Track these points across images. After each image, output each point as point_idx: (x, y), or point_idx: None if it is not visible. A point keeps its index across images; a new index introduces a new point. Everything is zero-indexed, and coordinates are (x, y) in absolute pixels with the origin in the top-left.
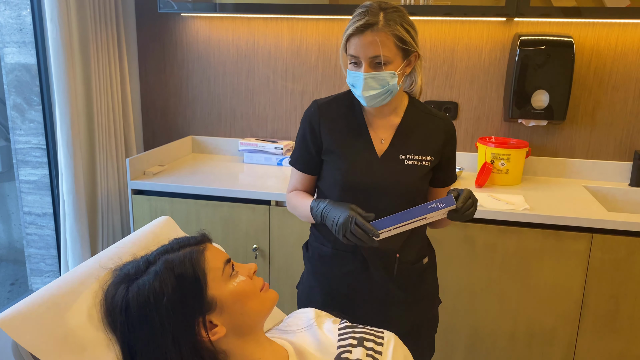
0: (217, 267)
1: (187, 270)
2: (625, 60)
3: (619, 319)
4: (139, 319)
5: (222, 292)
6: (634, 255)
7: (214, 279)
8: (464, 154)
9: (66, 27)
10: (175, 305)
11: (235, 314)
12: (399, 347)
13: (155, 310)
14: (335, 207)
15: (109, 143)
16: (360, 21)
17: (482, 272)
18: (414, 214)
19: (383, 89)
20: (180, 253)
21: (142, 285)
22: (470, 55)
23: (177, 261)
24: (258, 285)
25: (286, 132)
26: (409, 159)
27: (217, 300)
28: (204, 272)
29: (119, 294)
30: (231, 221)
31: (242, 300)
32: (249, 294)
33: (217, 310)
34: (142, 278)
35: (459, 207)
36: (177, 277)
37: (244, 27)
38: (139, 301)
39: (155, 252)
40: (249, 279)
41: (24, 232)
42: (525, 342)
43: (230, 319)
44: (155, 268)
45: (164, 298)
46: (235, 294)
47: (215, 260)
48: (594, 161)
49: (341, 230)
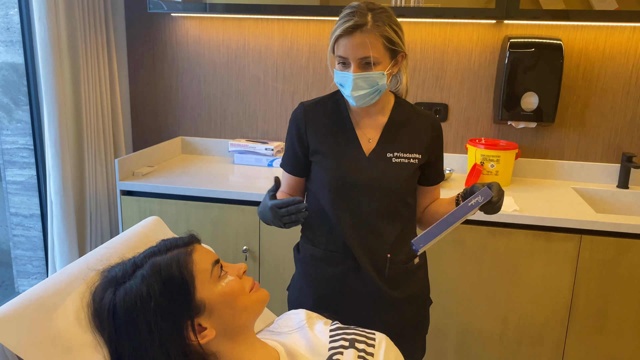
0: (205, 269)
1: (174, 273)
2: (613, 63)
3: (607, 319)
4: (127, 324)
5: (210, 294)
6: (622, 256)
7: (202, 282)
8: (454, 155)
9: (54, 26)
10: (163, 309)
11: (225, 316)
12: (391, 349)
13: (142, 315)
14: (261, 207)
15: (98, 143)
16: (349, 22)
17: (472, 273)
18: (457, 216)
19: (372, 88)
20: (168, 255)
21: (130, 289)
22: (460, 57)
23: (164, 264)
24: (247, 285)
25: (277, 133)
26: (396, 157)
27: (206, 302)
28: (192, 274)
29: (106, 297)
30: (221, 222)
31: (231, 301)
32: (238, 294)
33: (206, 313)
34: (130, 282)
35: (495, 200)
36: (164, 280)
37: (235, 27)
38: (126, 305)
39: (142, 255)
40: (237, 279)
41: (11, 233)
42: (515, 342)
43: (219, 320)
44: (142, 271)
45: (151, 302)
46: (224, 295)
47: (203, 262)
48: (583, 163)
49: (279, 222)
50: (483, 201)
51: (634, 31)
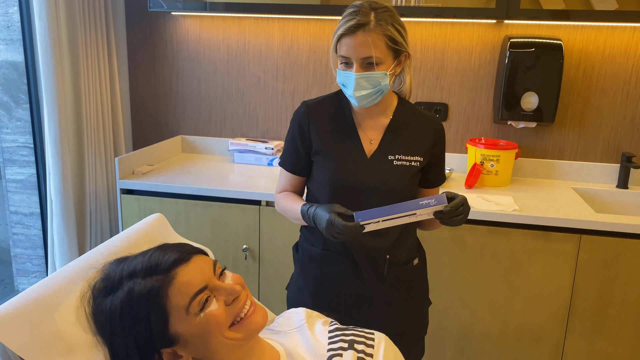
0: (180, 305)
1: (148, 307)
2: (613, 63)
3: (607, 319)
4: (109, 334)
5: (185, 328)
6: (621, 256)
7: (177, 317)
8: (453, 155)
9: (55, 24)
10: (139, 334)
11: (200, 350)
12: (390, 348)
13: (120, 332)
14: (319, 211)
15: (98, 142)
16: (352, 21)
17: (471, 273)
18: (404, 208)
19: (375, 89)
20: (144, 284)
21: (112, 304)
22: (460, 57)
23: (136, 296)
24: (231, 316)
25: (277, 132)
26: (397, 159)
27: (181, 335)
28: (166, 311)
29: (97, 302)
30: (221, 221)
31: (206, 338)
32: (212, 332)
33: (181, 344)
34: (114, 295)
35: (447, 210)
36: (137, 311)
37: (235, 26)
38: (107, 317)
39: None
40: (220, 310)
41: (10, 231)
42: (514, 342)
43: (196, 352)
44: (121, 293)
45: (125, 327)
46: (200, 331)
47: (181, 296)
48: (582, 163)
49: (327, 233)
50: (434, 204)
51: (634, 31)
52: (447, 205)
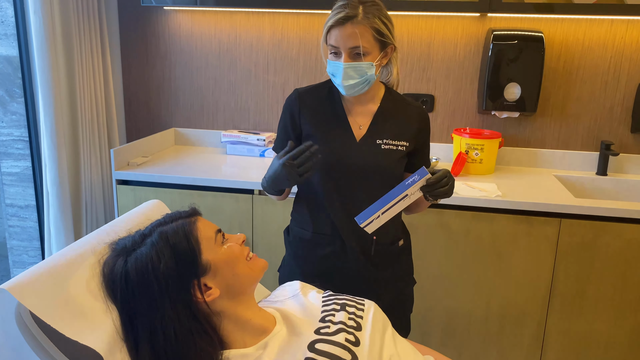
0: (209, 236)
1: (181, 239)
2: (592, 54)
3: (585, 299)
4: (139, 287)
5: (215, 256)
6: (599, 239)
7: (207, 246)
8: (439, 144)
9: (49, 19)
10: (172, 270)
11: (228, 276)
12: (378, 313)
13: (153, 277)
14: (270, 169)
15: (92, 135)
16: (341, 13)
17: (456, 256)
18: (394, 194)
19: (361, 78)
20: (174, 224)
21: (140, 255)
22: (445, 49)
23: (171, 232)
24: (246, 252)
25: (268, 124)
26: (385, 144)
27: (211, 263)
28: (197, 240)
29: (118, 265)
30: (215, 210)
31: (233, 263)
32: (239, 258)
33: (211, 273)
34: (139, 249)
35: (431, 181)
36: (172, 245)
37: (226, 20)
38: (137, 270)
39: (150, 226)
40: (238, 245)
41: (6, 224)
42: (498, 322)
43: (223, 280)
44: (151, 239)
45: (161, 264)
46: (227, 257)
47: (206, 229)
48: (564, 151)
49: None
50: (419, 179)
51: (611, 24)
52: (430, 176)
